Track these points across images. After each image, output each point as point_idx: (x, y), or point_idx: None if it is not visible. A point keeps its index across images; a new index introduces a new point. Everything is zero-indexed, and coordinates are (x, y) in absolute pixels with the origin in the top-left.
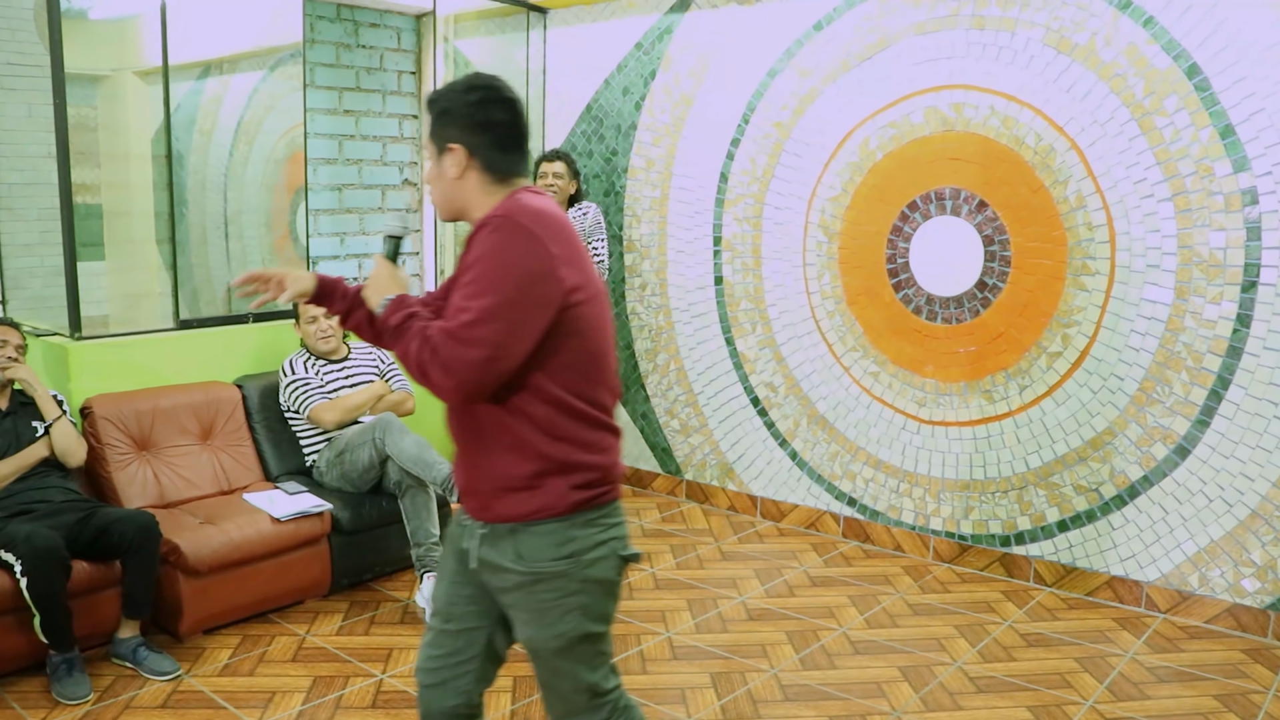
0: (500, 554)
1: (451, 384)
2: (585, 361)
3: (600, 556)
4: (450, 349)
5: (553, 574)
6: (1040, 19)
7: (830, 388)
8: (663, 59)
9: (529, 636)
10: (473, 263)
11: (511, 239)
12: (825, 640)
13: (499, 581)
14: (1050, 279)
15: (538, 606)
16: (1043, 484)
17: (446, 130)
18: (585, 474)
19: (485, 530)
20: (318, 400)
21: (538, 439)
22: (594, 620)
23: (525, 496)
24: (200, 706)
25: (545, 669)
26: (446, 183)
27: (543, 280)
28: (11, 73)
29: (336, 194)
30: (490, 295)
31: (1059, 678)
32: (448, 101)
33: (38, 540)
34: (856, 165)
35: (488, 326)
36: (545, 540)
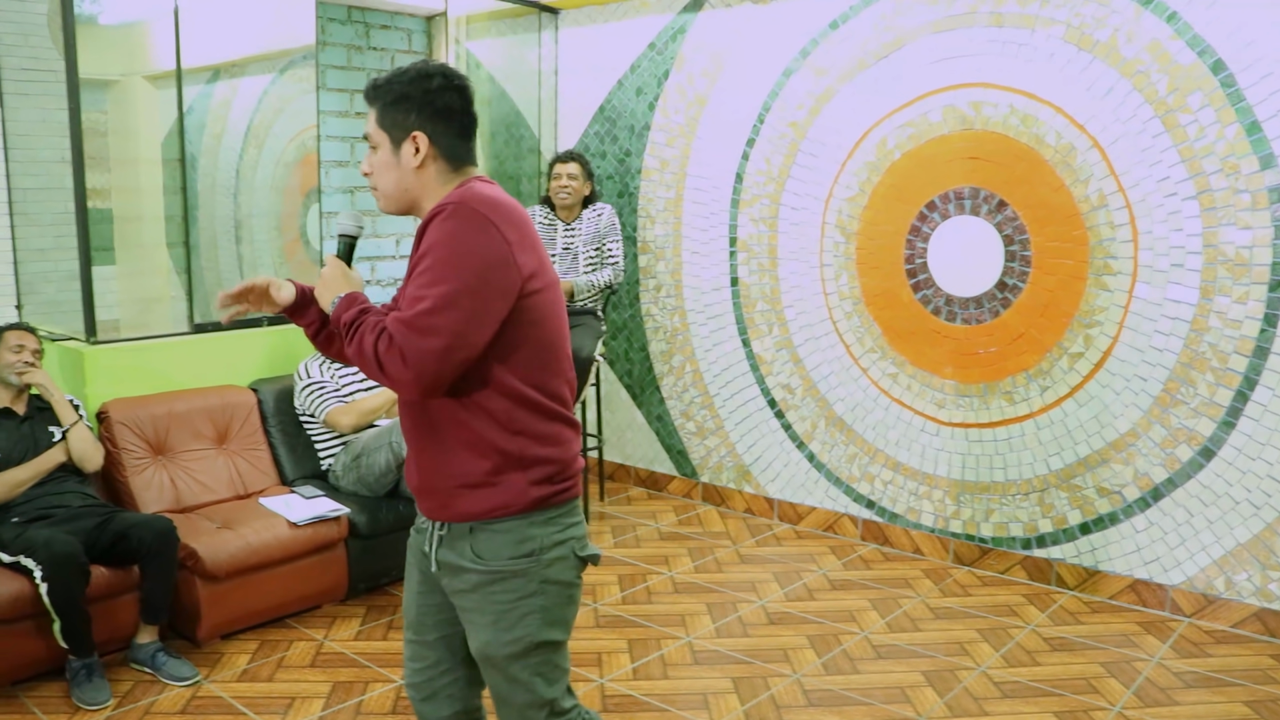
0: (458, 554)
1: (410, 376)
2: (542, 351)
3: (559, 556)
4: (407, 339)
5: (511, 573)
6: (1060, 15)
7: (848, 389)
8: (676, 59)
9: (484, 642)
10: (426, 251)
11: (467, 225)
12: (847, 644)
13: (457, 583)
14: (1071, 279)
15: (494, 609)
16: (1064, 486)
17: (406, 118)
18: (544, 468)
19: (443, 531)
20: (334, 404)
21: (495, 434)
22: (552, 626)
23: (484, 494)
24: (220, 712)
25: (500, 680)
26: (402, 173)
27: (501, 267)
28: (25, 78)
29: (349, 196)
30: (447, 282)
31: (1084, 683)
32: (405, 88)
33: (57, 546)
34: (874, 165)
35: (446, 314)
36: (504, 539)
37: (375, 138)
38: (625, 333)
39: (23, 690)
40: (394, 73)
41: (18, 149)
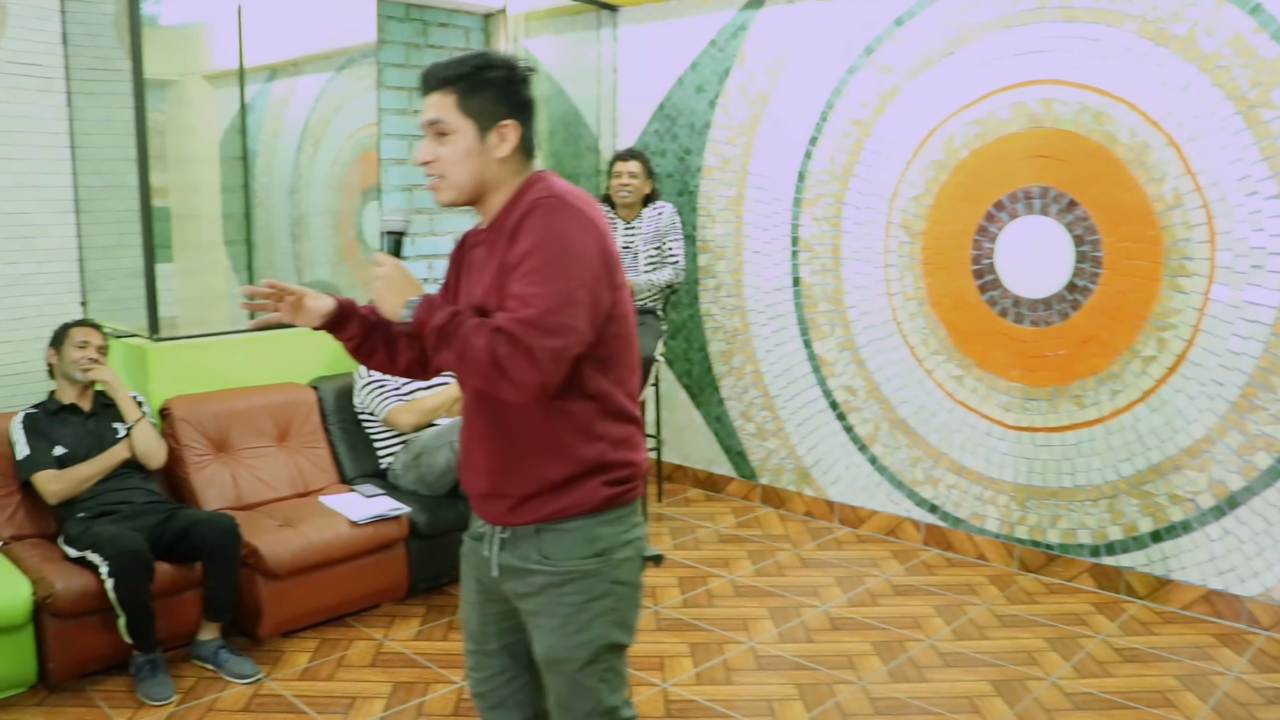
0: (523, 556)
1: (540, 378)
2: (622, 349)
3: (628, 556)
4: (535, 339)
5: (581, 574)
6: (1135, 9)
7: (912, 391)
8: (737, 56)
9: (551, 646)
10: (533, 247)
11: (570, 219)
12: (913, 651)
13: (521, 587)
14: (1144, 280)
15: (563, 611)
16: (1135, 493)
17: (496, 106)
18: (619, 471)
19: (505, 534)
20: (394, 402)
21: (575, 440)
22: (620, 628)
23: (556, 496)
24: (282, 711)
25: (564, 686)
26: (485, 162)
27: (602, 260)
28: (92, 78)
29: (407, 194)
30: (562, 279)
31: (1160, 696)
32: (499, 72)
33: (123, 542)
34: (940, 163)
35: (568, 312)
36: (573, 538)
37: (452, 124)
38: (685, 332)
39: (89, 684)
40: (471, 58)
41: (84, 147)
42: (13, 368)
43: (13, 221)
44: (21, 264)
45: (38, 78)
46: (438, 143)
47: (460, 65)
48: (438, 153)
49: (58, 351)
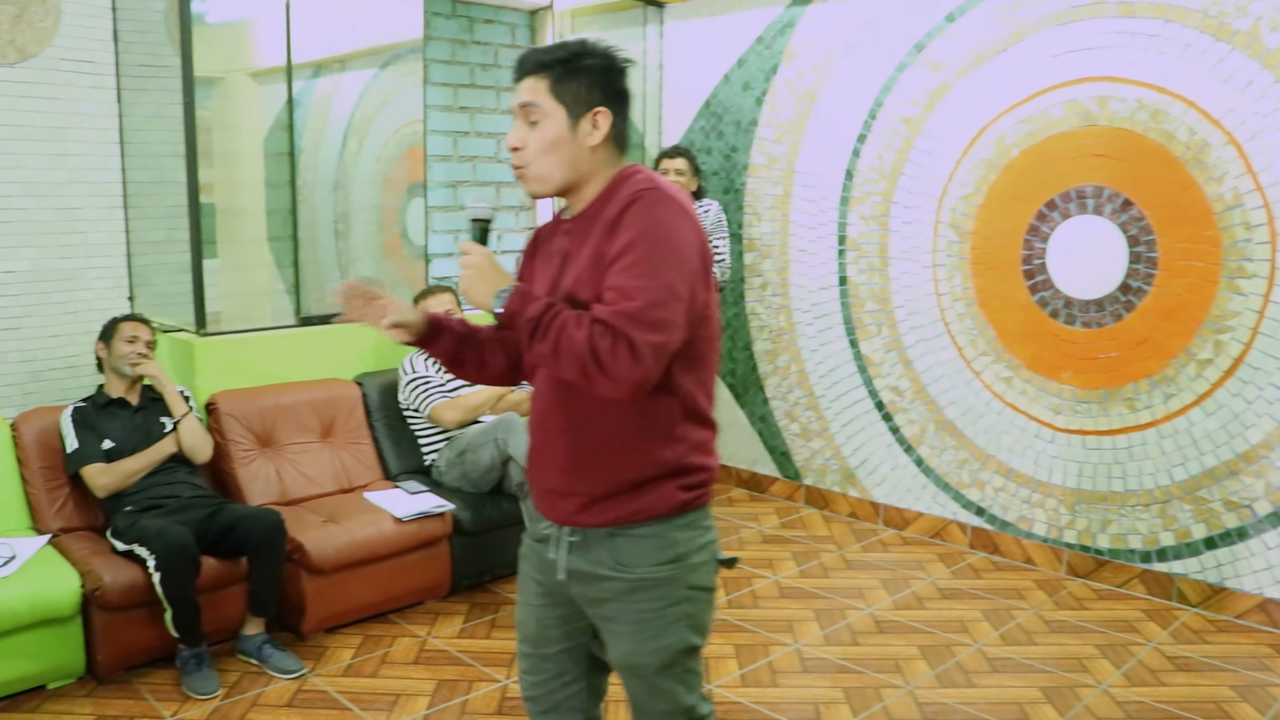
0: (595, 562)
1: (641, 373)
2: (708, 350)
3: (703, 561)
4: (638, 333)
5: (656, 580)
6: (1196, 4)
7: (959, 392)
8: (785, 53)
9: (627, 652)
10: (635, 240)
11: (672, 212)
12: (960, 656)
13: (593, 592)
14: (1202, 282)
15: (638, 618)
16: (1189, 498)
17: (590, 93)
18: (695, 475)
19: (576, 538)
20: (438, 399)
21: (654, 443)
22: (696, 632)
23: (630, 498)
24: (326, 707)
25: (641, 689)
26: (578, 150)
27: (703, 256)
28: (142, 74)
29: (451, 191)
30: (666, 273)
31: (1215, 706)
32: (591, 62)
33: (170, 536)
34: (991, 162)
35: (671, 307)
36: (647, 544)
37: (544, 109)
38: (729, 331)
39: (136, 677)
40: (570, 44)
41: (133, 143)
42: (65, 361)
43: (65, 217)
44: (73, 259)
45: (90, 74)
46: (527, 128)
47: (557, 50)
48: (526, 138)
49: (107, 345)
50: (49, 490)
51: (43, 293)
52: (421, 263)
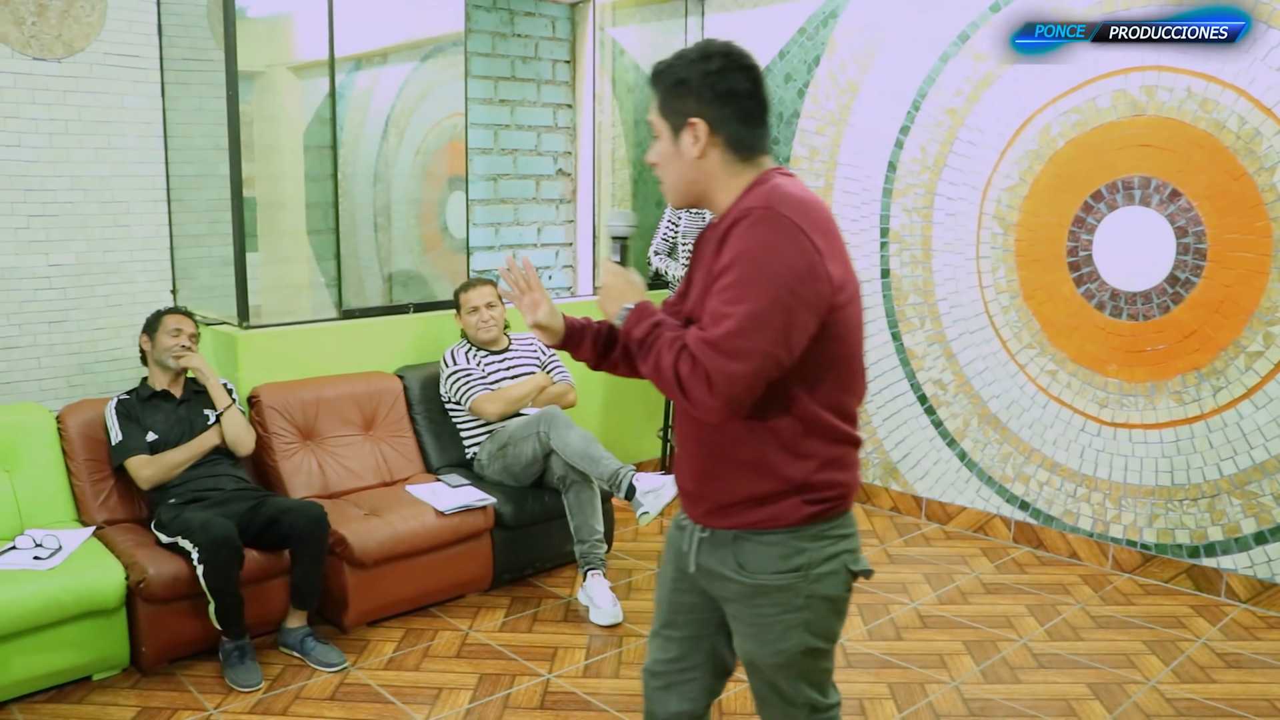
0: (720, 561)
1: (718, 402)
2: (842, 368)
3: (829, 571)
4: (714, 362)
5: (776, 587)
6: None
7: (1003, 386)
8: (827, 45)
9: (748, 651)
10: (732, 261)
11: (776, 233)
12: (1006, 652)
13: (718, 590)
14: (1252, 273)
15: (758, 621)
16: (1238, 493)
17: (684, 103)
18: (823, 491)
19: (705, 535)
20: (480, 391)
21: (781, 458)
22: (818, 638)
23: (755, 509)
24: (368, 700)
25: (762, 685)
26: (685, 163)
27: (811, 279)
28: (185, 68)
29: (492, 184)
30: (755, 299)
31: (1268, 705)
32: (683, 71)
33: (214, 529)
34: (1036, 153)
35: (754, 336)
36: (770, 551)
37: (656, 126)
38: None
39: (179, 668)
40: (675, 55)
41: (176, 137)
42: (110, 353)
43: (110, 210)
44: (117, 252)
45: (134, 69)
46: (655, 144)
47: (662, 64)
48: (656, 154)
49: (151, 338)
50: (94, 483)
51: (88, 286)
52: (463, 256)
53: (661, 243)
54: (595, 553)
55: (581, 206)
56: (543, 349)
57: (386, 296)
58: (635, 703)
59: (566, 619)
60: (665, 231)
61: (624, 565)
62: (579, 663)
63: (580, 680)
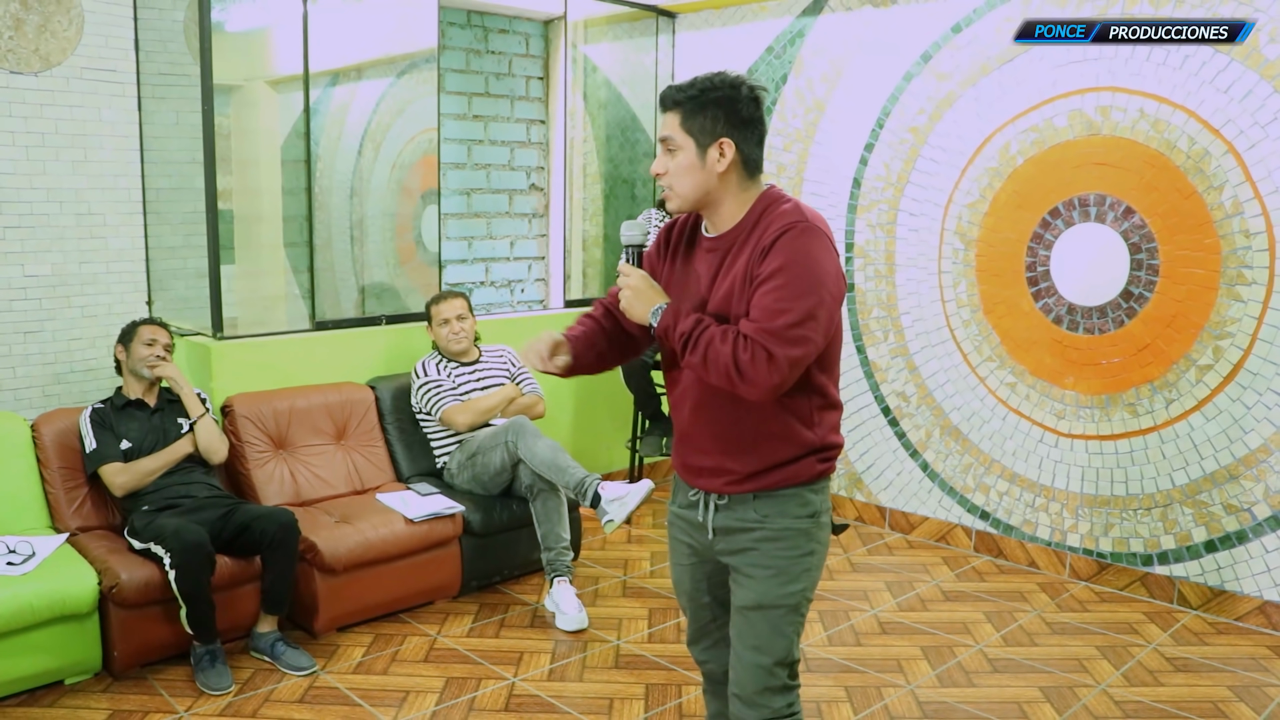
0: (740, 518)
1: (774, 381)
2: (835, 351)
3: (826, 522)
4: (778, 347)
5: (795, 531)
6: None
7: (964, 398)
8: (794, 63)
9: (762, 594)
10: (783, 266)
11: (817, 243)
12: (962, 657)
13: (737, 544)
14: (1202, 289)
15: (776, 563)
16: (1189, 502)
17: (717, 124)
18: (829, 451)
19: (723, 501)
20: (450, 402)
21: (800, 428)
22: (813, 586)
23: (777, 472)
24: (337, 703)
25: (767, 630)
26: (706, 176)
27: (839, 281)
28: (162, 82)
29: (465, 198)
30: (809, 298)
31: (1212, 706)
32: (719, 93)
33: (186, 535)
34: (996, 170)
35: (809, 326)
36: (788, 502)
37: (677, 141)
38: None
39: (151, 673)
40: (700, 80)
41: (153, 150)
42: (85, 363)
43: (86, 222)
44: (93, 263)
45: (111, 83)
46: (668, 157)
47: (688, 87)
48: (667, 165)
49: (126, 348)
50: (68, 490)
51: (64, 296)
52: (435, 269)
53: None
54: (562, 560)
55: (554, 221)
56: (513, 361)
57: (360, 308)
58: (599, 705)
59: (533, 625)
60: None
61: (591, 573)
62: (544, 667)
63: (544, 684)
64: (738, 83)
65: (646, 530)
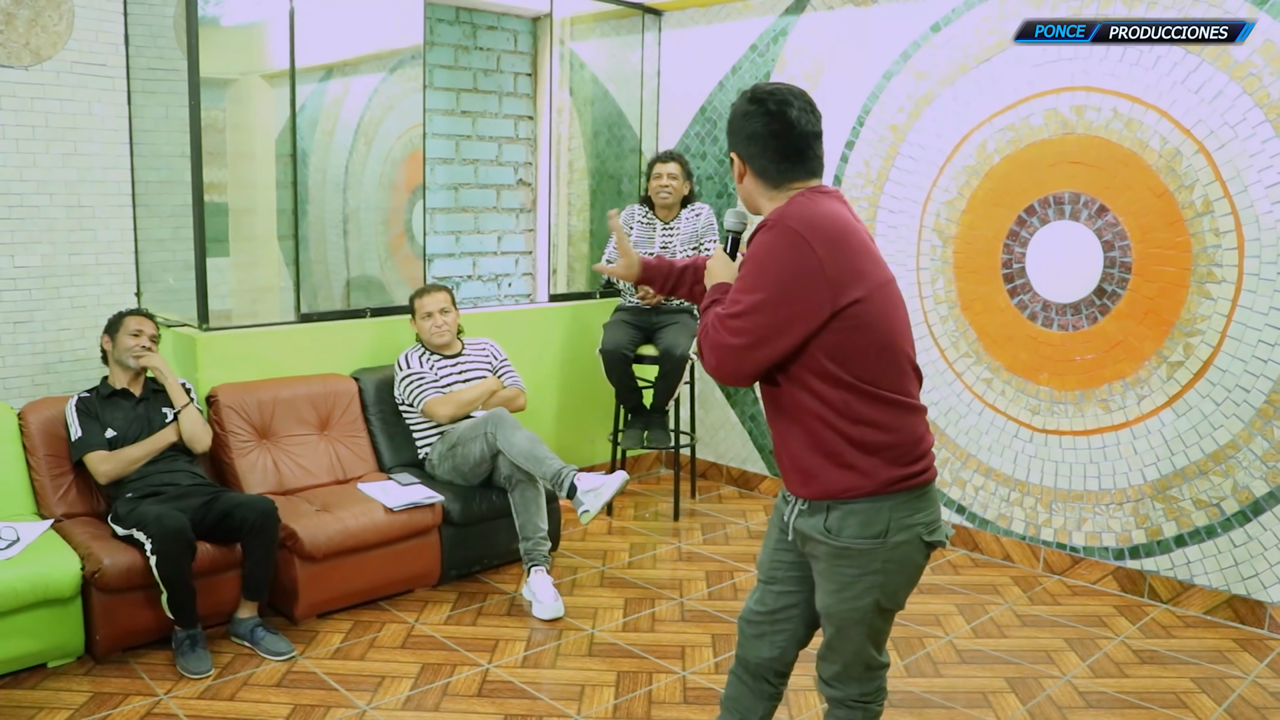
0: (812, 527)
1: (712, 364)
2: (877, 352)
3: (905, 540)
4: (718, 334)
5: (857, 550)
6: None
7: (942, 393)
8: (777, 61)
9: (827, 604)
10: (747, 259)
11: (780, 240)
12: (931, 648)
13: (810, 550)
14: (1173, 286)
15: (839, 579)
16: (1160, 497)
17: (729, 139)
18: (890, 451)
19: (804, 505)
20: (432, 394)
21: (828, 424)
22: (888, 598)
23: (834, 475)
24: (313, 687)
25: (836, 635)
26: (739, 189)
27: (808, 281)
28: (152, 77)
29: (453, 193)
30: (756, 292)
31: (1174, 697)
32: (732, 111)
33: (167, 521)
34: (973, 169)
35: (750, 319)
36: (855, 519)
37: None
38: None
39: (132, 656)
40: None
41: (142, 143)
42: (74, 353)
43: (76, 214)
44: (83, 255)
45: (102, 77)
46: None
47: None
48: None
49: (112, 339)
50: (53, 477)
51: (53, 287)
52: (420, 260)
53: (613, 251)
54: (539, 549)
55: (541, 216)
56: (495, 354)
57: (346, 301)
58: (570, 691)
59: (510, 613)
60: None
61: (570, 563)
62: (518, 654)
63: (518, 670)
64: (749, 98)
65: (628, 522)
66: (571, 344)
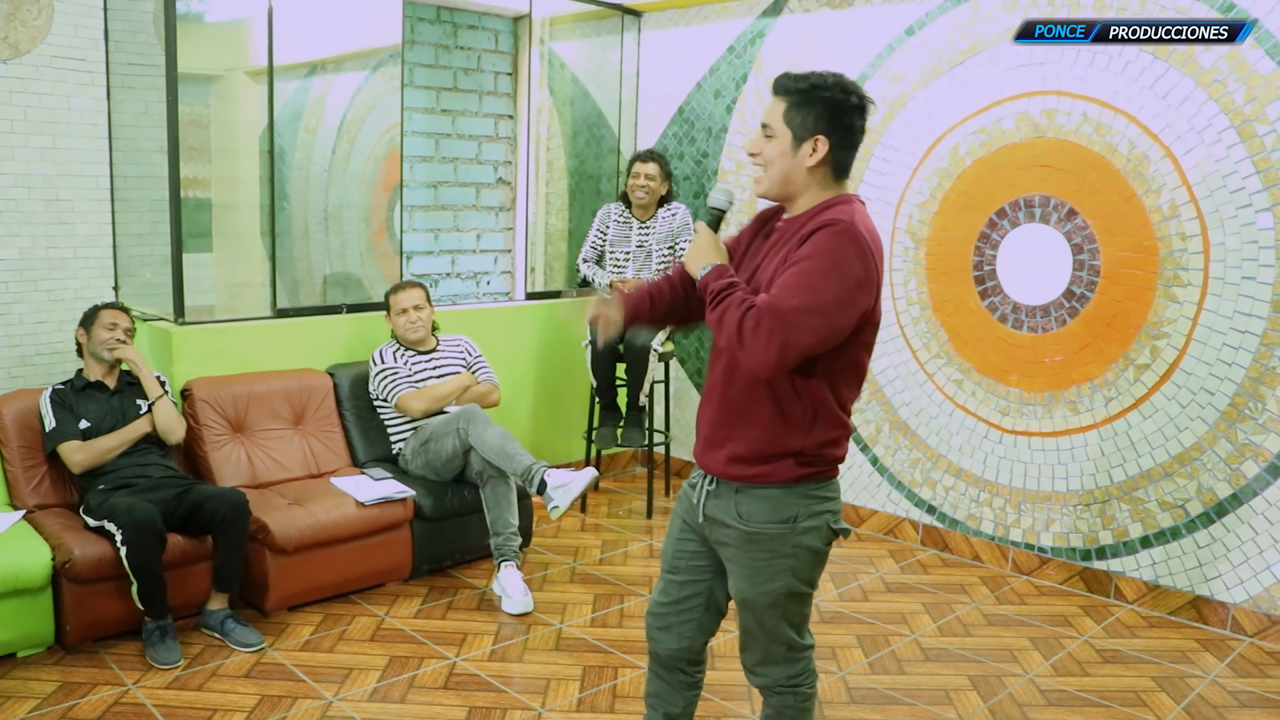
0: (723, 511)
1: (773, 358)
2: (851, 369)
3: (813, 526)
4: (778, 325)
5: (768, 535)
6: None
7: (913, 394)
8: (754, 62)
9: (740, 590)
10: (813, 254)
11: (852, 248)
12: (896, 646)
13: (719, 536)
14: (1140, 289)
15: (751, 564)
16: (1126, 499)
17: (817, 121)
18: (815, 459)
19: (712, 486)
20: (405, 389)
21: (791, 428)
22: (801, 582)
23: (755, 465)
24: (281, 678)
25: (751, 620)
26: (795, 166)
27: (860, 292)
28: (132, 72)
29: (432, 191)
30: (824, 292)
31: (1134, 696)
32: (828, 93)
33: (138, 513)
34: (945, 171)
35: (815, 317)
36: (765, 504)
37: (775, 129)
38: (698, 332)
39: (102, 647)
40: (813, 75)
41: (121, 139)
42: (51, 346)
43: (54, 208)
44: (60, 249)
45: (81, 71)
46: (765, 142)
47: (801, 80)
48: (762, 149)
49: (87, 331)
50: (26, 468)
51: (31, 280)
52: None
53: (590, 250)
54: (509, 545)
55: (520, 214)
56: (469, 349)
57: (323, 297)
58: (536, 685)
59: (480, 608)
60: (594, 240)
61: (541, 559)
62: (486, 648)
63: (485, 664)
64: (849, 88)
65: (600, 519)
66: (549, 342)
